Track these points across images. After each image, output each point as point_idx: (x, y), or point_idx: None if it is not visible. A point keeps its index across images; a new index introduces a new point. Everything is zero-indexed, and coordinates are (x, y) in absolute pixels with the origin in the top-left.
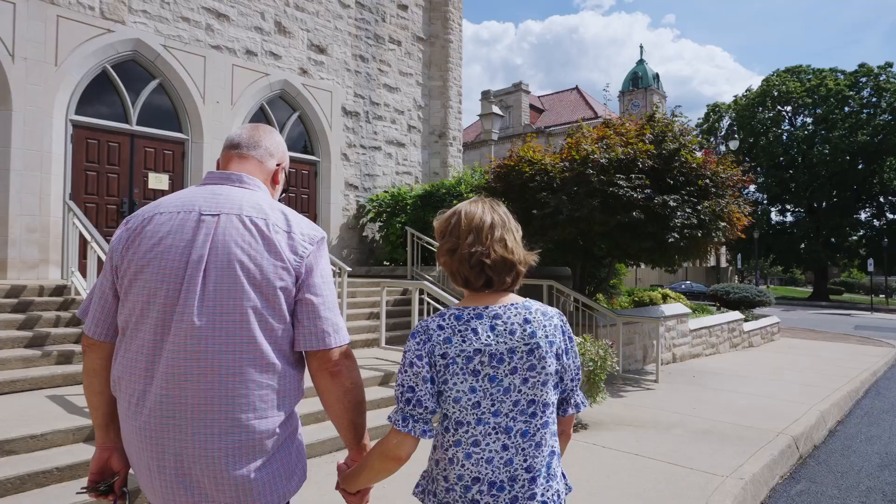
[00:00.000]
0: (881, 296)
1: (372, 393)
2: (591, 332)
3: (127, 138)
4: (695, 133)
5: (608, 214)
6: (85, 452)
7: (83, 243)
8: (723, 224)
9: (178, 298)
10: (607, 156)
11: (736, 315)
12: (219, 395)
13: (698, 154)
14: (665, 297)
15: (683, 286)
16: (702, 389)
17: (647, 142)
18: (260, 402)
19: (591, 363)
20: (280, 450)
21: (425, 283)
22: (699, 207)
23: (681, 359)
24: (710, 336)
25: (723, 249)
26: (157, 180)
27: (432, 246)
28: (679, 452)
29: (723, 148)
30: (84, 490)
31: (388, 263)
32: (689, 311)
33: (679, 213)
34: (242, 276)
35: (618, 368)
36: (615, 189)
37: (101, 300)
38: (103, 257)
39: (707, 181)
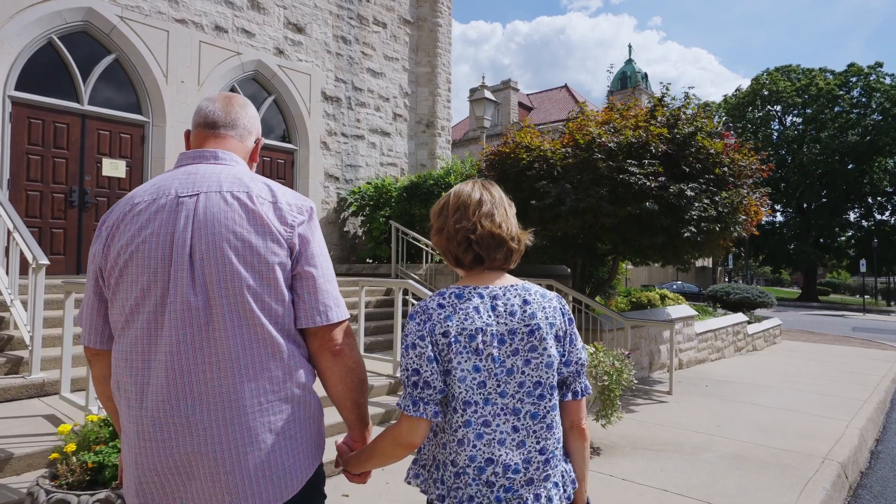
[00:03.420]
0: (866, 296)
1: None
2: (598, 338)
3: (77, 119)
4: (711, 114)
5: (617, 205)
6: None
7: (7, 234)
8: (742, 217)
9: (167, 289)
10: (616, 140)
11: (740, 317)
12: (225, 384)
13: (716, 139)
14: (663, 298)
15: (675, 286)
16: (719, 402)
17: (659, 124)
18: (271, 386)
19: (605, 377)
20: (301, 429)
21: (410, 282)
22: (716, 198)
23: (687, 364)
24: (715, 340)
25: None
26: (113, 167)
27: (418, 241)
28: (715, 487)
29: None
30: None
31: (371, 261)
32: (694, 313)
33: (696, 205)
34: (232, 255)
35: (635, 381)
36: (626, 176)
37: (91, 308)
38: (26, 251)
39: (725, 169)
